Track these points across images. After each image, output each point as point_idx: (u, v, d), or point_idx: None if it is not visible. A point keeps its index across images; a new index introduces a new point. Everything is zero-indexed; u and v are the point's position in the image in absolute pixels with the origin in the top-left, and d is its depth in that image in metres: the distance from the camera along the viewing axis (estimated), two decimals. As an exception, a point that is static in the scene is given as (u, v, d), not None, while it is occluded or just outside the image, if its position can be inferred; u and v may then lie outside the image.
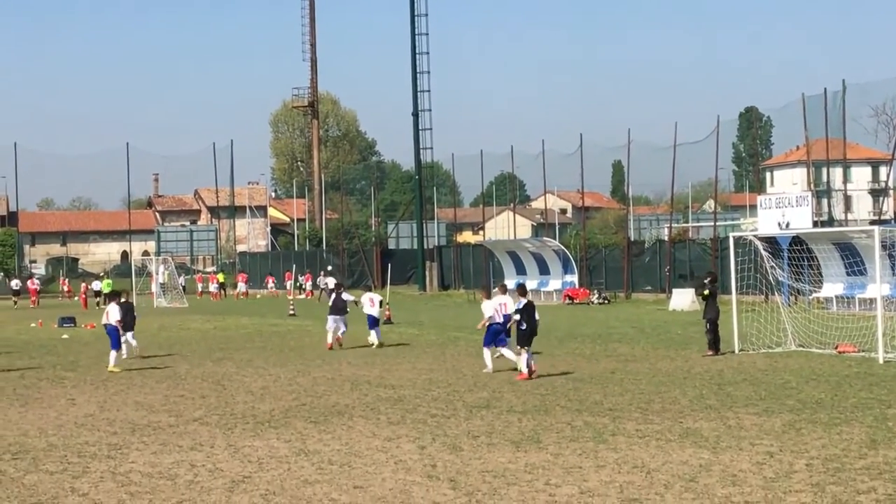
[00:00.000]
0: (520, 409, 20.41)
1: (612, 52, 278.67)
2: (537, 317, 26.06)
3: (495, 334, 27.01)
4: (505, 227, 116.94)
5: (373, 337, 34.66)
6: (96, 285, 74.49)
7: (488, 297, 28.38)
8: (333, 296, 35.76)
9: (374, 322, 34.95)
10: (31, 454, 16.57)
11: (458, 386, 24.27)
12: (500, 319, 26.92)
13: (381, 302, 36.32)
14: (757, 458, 15.35)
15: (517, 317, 25.71)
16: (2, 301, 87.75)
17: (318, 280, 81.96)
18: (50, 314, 55.64)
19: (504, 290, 28.90)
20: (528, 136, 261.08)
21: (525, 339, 25.45)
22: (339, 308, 34.71)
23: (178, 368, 29.35)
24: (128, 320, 31.57)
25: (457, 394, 22.92)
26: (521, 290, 27.77)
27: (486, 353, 27.16)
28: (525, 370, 25.36)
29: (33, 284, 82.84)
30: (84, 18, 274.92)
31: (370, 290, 39.44)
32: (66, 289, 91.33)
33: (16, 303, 78.40)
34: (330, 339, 34.57)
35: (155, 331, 42.63)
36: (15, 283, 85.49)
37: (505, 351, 26.88)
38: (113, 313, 29.62)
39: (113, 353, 29.25)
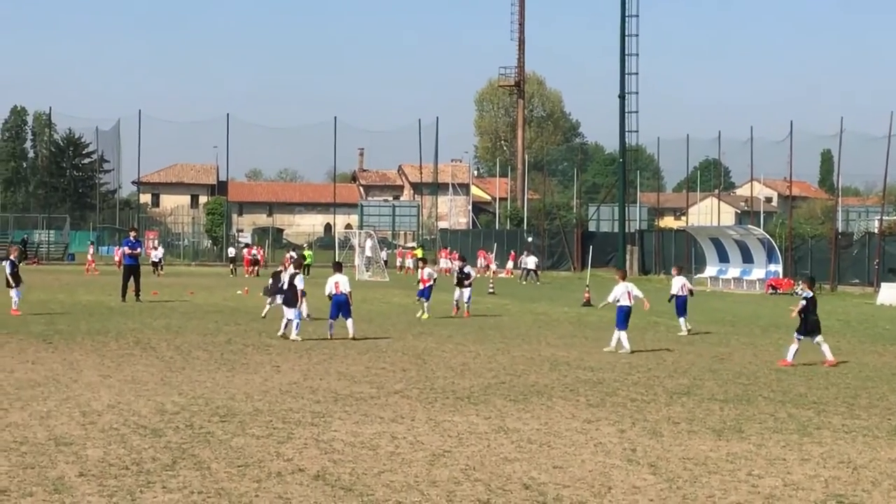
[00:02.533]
0: (721, 398, 20.13)
1: (825, 37, 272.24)
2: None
3: (626, 316, 28.24)
4: (708, 213, 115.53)
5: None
6: (292, 255, 71.91)
7: (623, 277, 29.44)
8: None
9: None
10: (238, 418, 16.97)
11: (658, 371, 24.06)
12: (627, 303, 28.29)
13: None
14: (970, 460, 14.84)
15: (803, 303, 26.02)
16: (207, 268, 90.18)
17: (519, 260, 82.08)
18: (258, 283, 56.57)
19: (679, 270, 34.83)
20: (736, 122, 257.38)
21: (806, 328, 25.92)
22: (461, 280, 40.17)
23: (380, 341, 29.74)
24: (288, 294, 31.17)
25: (657, 379, 22.73)
26: (810, 282, 27.83)
27: (623, 335, 28.06)
28: (790, 359, 25.61)
29: (249, 254, 79.34)
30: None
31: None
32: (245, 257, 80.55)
33: (234, 271, 77.93)
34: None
35: (357, 303, 43.18)
36: (231, 251, 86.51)
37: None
38: (343, 283, 29.90)
39: (330, 322, 29.78)
